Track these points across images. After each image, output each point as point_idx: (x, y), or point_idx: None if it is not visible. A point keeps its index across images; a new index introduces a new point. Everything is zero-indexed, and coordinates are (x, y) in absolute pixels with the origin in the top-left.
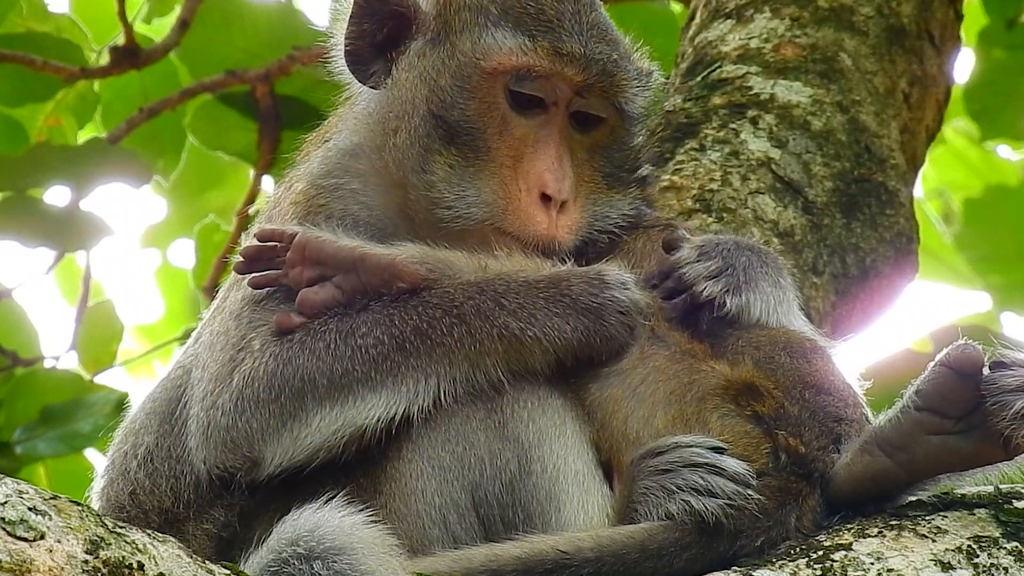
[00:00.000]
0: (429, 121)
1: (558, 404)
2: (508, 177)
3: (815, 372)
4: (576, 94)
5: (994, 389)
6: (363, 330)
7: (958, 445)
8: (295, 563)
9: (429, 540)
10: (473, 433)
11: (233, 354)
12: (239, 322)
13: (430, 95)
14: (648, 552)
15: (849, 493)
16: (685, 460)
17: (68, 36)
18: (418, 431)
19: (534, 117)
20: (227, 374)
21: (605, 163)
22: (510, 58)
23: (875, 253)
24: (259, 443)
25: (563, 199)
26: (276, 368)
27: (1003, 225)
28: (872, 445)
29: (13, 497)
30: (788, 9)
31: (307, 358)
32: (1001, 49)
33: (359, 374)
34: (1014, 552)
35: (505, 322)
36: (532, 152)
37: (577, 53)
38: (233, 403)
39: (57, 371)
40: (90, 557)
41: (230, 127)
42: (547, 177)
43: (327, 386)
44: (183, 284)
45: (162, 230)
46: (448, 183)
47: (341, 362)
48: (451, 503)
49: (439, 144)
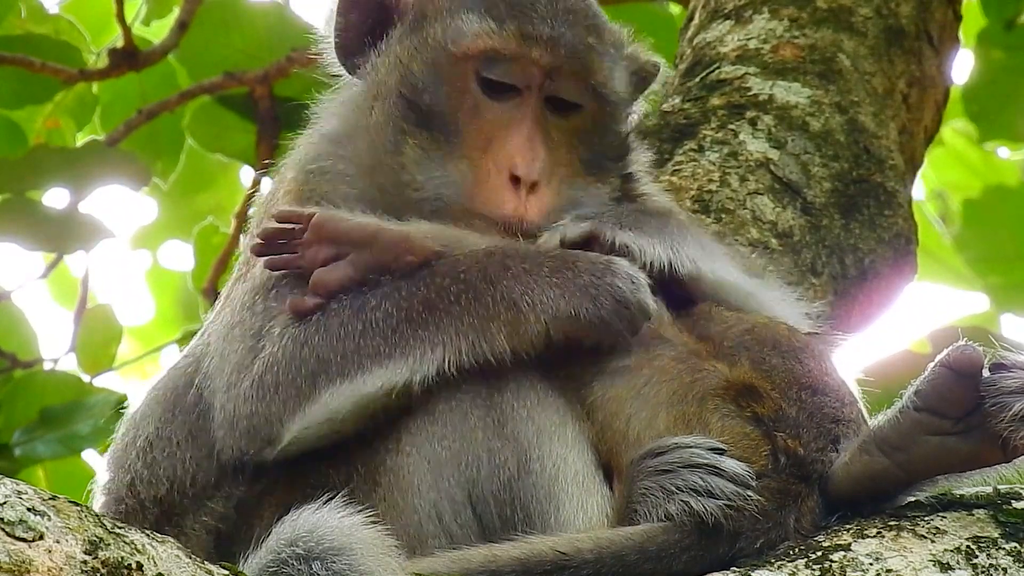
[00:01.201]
0: (401, 105)
1: (558, 403)
2: (478, 159)
3: (809, 373)
4: (547, 77)
5: (994, 391)
6: (373, 304)
7: (957, 446)
8: (294, 563)
9: (424, 535)
10: (471, 430)
11: (253, 343)
12: (253, 312)
13: (402, 80)
14: (647, 553)
15: (847, 493)
16: (684, 461)
17: (67, 38)
18: (417, 425)
19: (507, 101)
20: (249, 362)
21: (585, 149)
22: (476, 42)
23: (874, 254)
24: (277, 426)
25: (533, 179)
26: (294, 351)
27: (1002, 226)
28: (871, 445)
29: (12, 497)
30: (787, 10)
31: (321, 338)
32: (1000, 50)
33: (370, 349)
34: (1013, 553)
35: (508, 285)
36: (504, 134)
37: (544, 35)
38: (255, 390)
39: (56, 373)
40: (89, 557)
41: (229, 129)
42: (517, 158)
43: (339, 363)
44: (174, 286)
45: (153, 231)
46: (418, 165)
47: (353, 339)
48: (446, 499)
49: (411, 127)
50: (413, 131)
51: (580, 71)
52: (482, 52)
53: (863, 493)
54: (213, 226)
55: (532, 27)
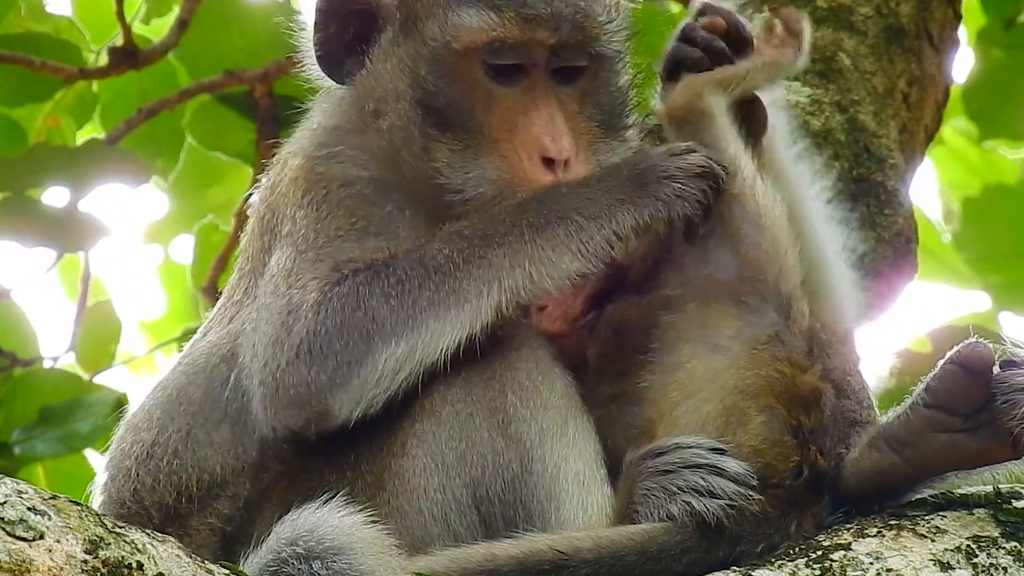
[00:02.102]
0: (418, 110)
1: (561, 403)
2: (507, 149)
3: (836, 370)
4: (552, 53)
5: (1005, 387)
6: (432, 252)
7: (966, 443)
8: (294, 563)
9: (430, 537)
10: (476, 431)
11: (284, 318)
12: (276, 291)
13: (413, 85)
14: (647, 554)
15: (855, 489)
16: (686, 461)
17: (67, 37)
18: (422, 428)
19: (517, 84)
20: (284, 336)
21: (596, 110)
22: (480, 35)
23: (874, 253)
24: (328, 394)
25: (565, 157)
26: (343, 314)
27: (1002, 224)
28: (880, 441)
29: (12, 497)
30: (787, 9)
31: (377, 298)
32: (1000, 49)
33: (425, 302)
34: (1013, 552)
35: (562, 206)
36: (524, 119)
37: (544, 15)
38: (299, 358)
39: (56, 371)
40: (89, 557)
41: (229, 127)
42: (544, 140)
43: (396, 322)
44: (185, 280)
45: (164, 226)
46: (452, 168)
47: (411, 294)
48: (452, 500)
49: (434, 131)
50: (438, 135)
51: (584, 41)
52: (487, 44)
53: (871, 490)
54: (213, 224)
55: (530, 8)
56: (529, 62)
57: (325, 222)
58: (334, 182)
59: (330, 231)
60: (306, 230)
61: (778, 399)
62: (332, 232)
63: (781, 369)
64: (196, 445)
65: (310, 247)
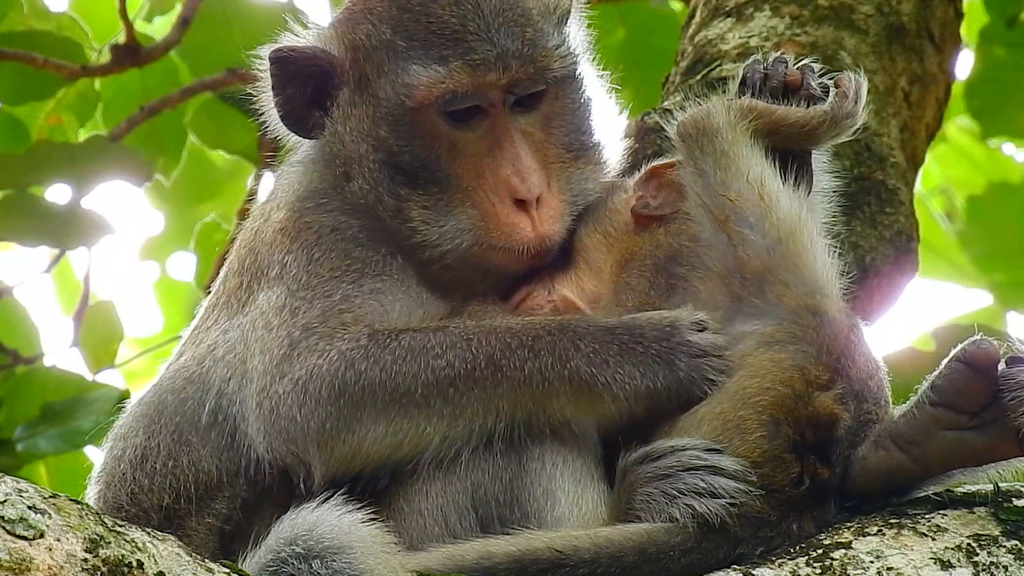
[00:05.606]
0: (384, 171)
1: None
2: (478, 197)
3: (857, 378)
4: (507, 92)
5: (1011, 384)
6: (437, 351)
7: (973, 440)
8: (294, 562)
9: (430, 538)
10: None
11: (288, 352)
12: (269, 326)
13: (376, 147)
14: (647, 555)
15: (862, 487)
16: (684, 464)
17: (69, 34)
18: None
19: (478, 127)
20: (288, 366)
21: (562, 131)
22: (431, 90)
23: (875, 252)
24: (313, 446)
25: (536, 195)
26: (340, 369)
27: (1006, 222)
28: (886, 440)
29: (12, 496)
30: (788, 7)
31: (370, 366)
32: (1001, 47)
33: (418, 396)
34: (1014, 550)
35: (577, 365)
36: (490, 162)
37: (491, 58)
38: (298, 395)
39: (58, 369)
40: (90, 555)
41: (231, 126)
42: (513, 182)
43: (386, 401)
44: (182, 296)
45: (160, 243)
46: (427, 224)
47: (404, 379)
48: (452, 502)
49: (405, 190)
50: (408, 192)
51: (535, 71)
52: (440, 97)
53: (878, 488)
54: (215, 223)
55: (476, 54)
56: (486, 103)
57: (317, 263)
58: (325, 228)
59: (323, 272)
60: (298, 271)
61: (786, 417)
62: (327, 273)
63: (793, 384)
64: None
65: (302, 287)
